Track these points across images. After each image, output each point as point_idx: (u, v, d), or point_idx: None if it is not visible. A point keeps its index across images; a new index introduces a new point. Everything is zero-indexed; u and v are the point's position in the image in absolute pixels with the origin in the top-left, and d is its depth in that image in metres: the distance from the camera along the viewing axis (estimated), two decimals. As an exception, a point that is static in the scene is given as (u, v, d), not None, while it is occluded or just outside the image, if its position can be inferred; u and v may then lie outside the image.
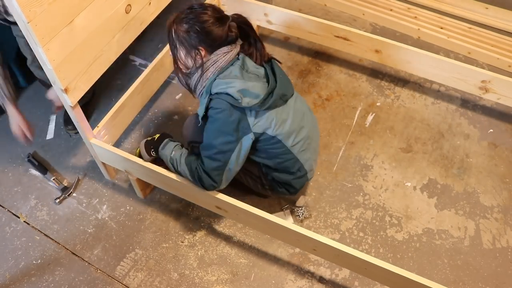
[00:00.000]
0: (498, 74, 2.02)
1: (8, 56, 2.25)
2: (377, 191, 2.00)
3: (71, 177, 2.05)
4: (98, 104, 2.30)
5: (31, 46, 1.37)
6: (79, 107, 1.64)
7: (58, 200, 1.96)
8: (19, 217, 1.94)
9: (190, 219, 1.93)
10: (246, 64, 1.57)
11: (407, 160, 2.09)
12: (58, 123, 2.23)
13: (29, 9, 1.26)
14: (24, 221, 1.93)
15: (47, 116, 2.27)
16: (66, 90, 1.52)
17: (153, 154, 1.77)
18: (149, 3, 1.79)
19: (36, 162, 2.06)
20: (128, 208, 1.96)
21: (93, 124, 1.78)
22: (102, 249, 1.85)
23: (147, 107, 2.24)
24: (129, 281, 1.77)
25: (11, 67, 2.31)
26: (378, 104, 2.29)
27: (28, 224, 1.92)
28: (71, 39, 1.45)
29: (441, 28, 2.56)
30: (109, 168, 1.97)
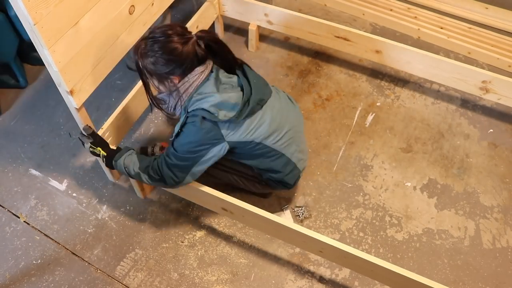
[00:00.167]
0: (498, 74, 2.02)
1: (8, 56, 2.25)
2: (377, 191, 2.00)
3: (71, 177, 2.05)
4: (99, 104, 2.29)
5: (36, 48, 1.36)
6: (84, 109, 1.64)
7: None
8: (19, 217, 1.94)
9: (190, 219, 1.93)
10: (219, 76, 1.56)
11: (407, 160, 2.09)
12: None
13: (36, 11, 1.26)
14: (24, 221, 1.93)
15: (47, 118, 2.27)
16: (71, 92, 1.52)
17: (85, 140, 1.66)
18: (152, 4, 1.79)
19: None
20: (128, 208, 1.96)
21: (94, 124, 1.77)
22: (102, 249, 1.85)
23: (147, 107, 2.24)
24: (129, 281, 1.77)
25: (11, 67, 2.31)
26: (378, 104, 2.29)
27: (28, 224, 1.92)
28: (76, 40, 1.46)
29: (441, 28, 2.56)
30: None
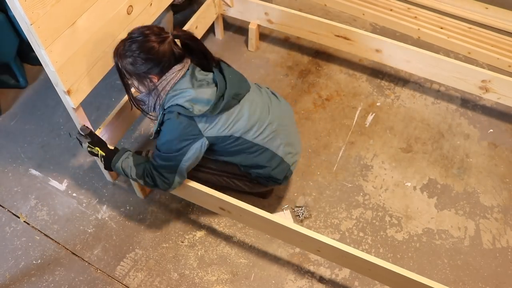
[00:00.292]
0: (498, 74, 2.02)
1: (8, 56, 2.25)
2: (377, 191, 2.00)
3: (71, 177, 2.05)
4: (99, 104, 2.29)
5: (33, 48, 1.36)
6: (81, 108, 1.64)
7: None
8: (19, 217, 1.94)
9: (190, 219, 1.93)
10: (195, 73, 1.57)
11: (407, 160, 2.09)
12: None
13: (32, 11, 1.26)
14: (24, 221, 1.93)
15: (47, 118, 2.27)
16: (68, 92, 1.52)
17: (82, 140, 1.68)
18: (150, 4, 1.79)
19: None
20: (128, 208, 1.96)
21: (93, 124, 1.78)
22: (102, 249, 1.85)
23: (147, 107, 2.25)
24: (129, 281, 1.77)
25: (11, 67, 2.31)
26: (378, 104, 2.29)
27: (28, 224, 1.92)
28: (73, 40, 1.45)
29: (441, 28, 2.56)
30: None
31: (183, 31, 1.56)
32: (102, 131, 1.80)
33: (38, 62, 2.45)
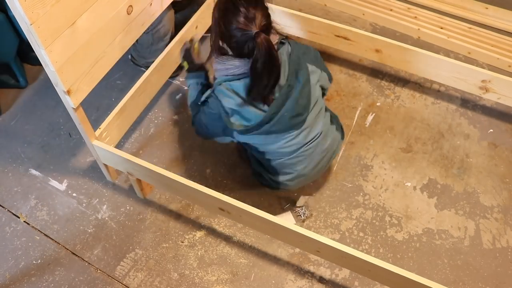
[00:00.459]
0: (498, 74, 2.02)
1: (8, 56, 2.25)
2: (377, 191, 2.00)
3: (71, 177, 2.05)
4: (99, 104, 2.29)
5: (33, 48, 1.36)
6: (81, 109, 1.64)
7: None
8: (19, 217, 1.94)
9: (190, 219, 1.93)
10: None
11: (407, 160, 2.09)
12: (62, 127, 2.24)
13: (32, 11, 1.26)
14: (24, 221, 1.93)
15: (47, 118, 2.27)
16: (68, 92, 1.52)
17: (183, 63, 1.88)
18: (150, 4, 1.79)
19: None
20: (128, 208, 1.96)
21: (93, 124, 1.78)
22: (102, 249, 1.85)
23: (147, 107, 2.24)
24: (129, 281, 1.77)
25: (11, 67, 2.31)
26: (378, 104, 2.29)
27: (28, 224, 1.92)
28: (73, 40, 1.45)
29: (441, 28, 2.56)
30: (110, 169, 1.97)
31: (269, 41, 1.45)
32: (102, 132, 1.80)
33: (38, 62, 2.44)
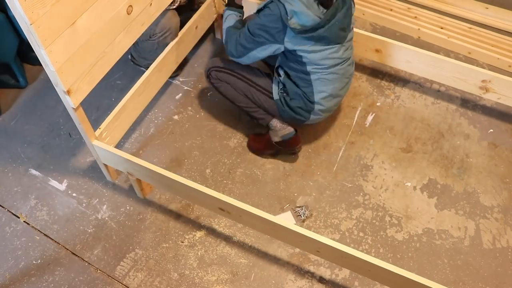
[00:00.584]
0: (498, 74, 2.02)
1: (8, 56, 2.25)
2: (377, 191, 2.00)
3: (71, 177, 2.05)
4: (99, 104, 2.30)
5: (33, 48, 1.36)
6: (81, 109, 1.64)
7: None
8: (19, 217, 1.94)
9: (190, 219, 1.93)
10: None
11: (407, 160, 2.09)
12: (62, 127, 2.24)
13: (32, 11, 1.26)
14: (24, 221, 1.93)
15: (47, 118, 2.27)
16: (68, 92, 1.52)
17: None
18: (150, 4, 1.79)
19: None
20: (128, 208, 1.96)
21: (93, 124, 1.78)
22: (102, 249, 1.85)
23: (147, 107, 2.24)
24: (129, 281, 1.77)
25: (11, 67, 2.31)
26: (378, 104, 2.29)
27: (28, 224, 1.92)
28: (73, 40, 1.45)
29: (441, 28, 2.56)
30: (110, 169, 1.97)
31: None
32: (102, 132, 1.80)
33: (38, 62, 2.44)
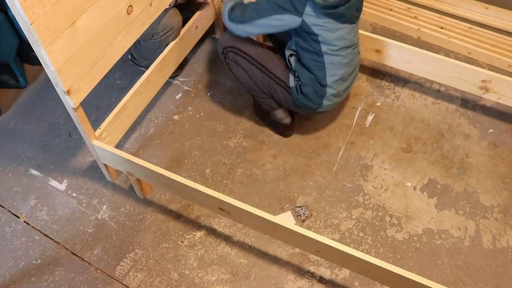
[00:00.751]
0: (498, 74, 2.02)
1: (8, 56, 2.25)
2: (377, 191, 2.00)
3: (71, 177, 2.05)
4: (99, 104, 2.30)
5: (33, 48, 1.36)
6: (81, 109, 1.64)
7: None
8: (19, 217, 1.94)
9: (190, 219, 1.93)
10: None
11: (407, 160, 2.09)
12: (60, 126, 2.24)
13: (32, 11, 1.26)
14: (24, 221, 1.93)
15: (47, 118, 2.27)
16: (68, 92, 1.52)
17: None
18: (150, 4, 1.79)
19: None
20: (128, 208, 1.96)
21: (93, 124, 1.78)
22: (102, 249, 1.85)
23: (147, 107, 2.24)
24: (129, 281, 1.77)
25: (11, 67, 2.31)
26: (378, 104, 2.29)
27: (28, 224, 1.92)
28: (73, 40, 1.45)
29: (441, 28, 2.56)
30: (110, 169, 1.97)
31: None
32: (102, 132, 1.80)
33: (38, 62, 2.45)
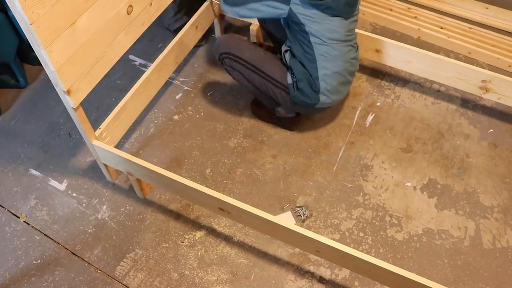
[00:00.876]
0: (498, 74, 2.02)
1: (8, 56, 2.26)
2: (377, 191, 2.00)
3: (71, 177, 2.05)
4: (99, 104, 2.30)
5: (33, 48, 1.37)
6: (81, 108, 1.64)
7: None
8: (19, 217, 1.94)
9: (190, 219, 1.93)
10: None
11: (407, 160, 2.09)
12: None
13: (32, 11, 1.26)
14: (24, 221, 1.93)
15: (47, 118, 2.27)
16: (68, 92, 1.52)
17: None
18: (150, 4, 1.79)
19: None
20: (128, 208, 1.96)
21: (93, 124, 1.78)
22: (102, 249, 1.85)
23: (147, 107, 2.24)
24: (129, 281, 1.77)
25: (11, 67, 2.31)
26: (378, 104, 2.29)
27: (28, 224, 1.92)
28: (73, 40, 1.45)
29: (441, 28, 2.56)
30: (110, 169, 1.97)
31: None
32: (102, 132, 1.80)
33: (38, 62, 2.46)
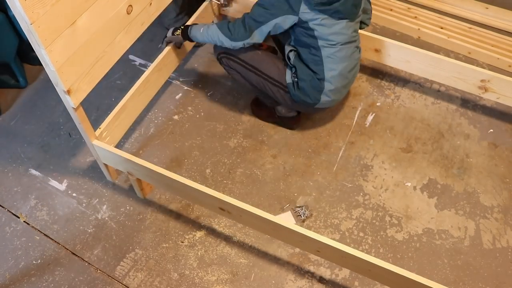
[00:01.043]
0: (498, 74, 2.02)
1: (8, 56, 2.25)
2: (377, 191, 2.00)
3: (71, 177, 2.05)
4: (99, 104, 2.29)
5: (33, 47, 1.37)
6: (81, 108, 1.64)
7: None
8: (19, 217, 1.94)
9: (190, 219, 1.93)
10: None
11: (407, 160, 2.09)
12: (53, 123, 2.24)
13: (32, 11, 1.26)
14: (24, 221, 1.93)
15: (47, 118, 2.27)
16: (68, 92, 1.52)
17: (176, 34, 2.00)
18: (150, 4, 1.79)
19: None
20: (128, 208, 1.96)
21: (93, 124, 1.78)
22: (102, 249, 1.85)
23: (147, 107, 2.24)
24: (129, 281, 1.77)
25: (11, 67, 2.31)
26: (378, 104, 2.29)
27: (28, 224, 1.92)
28: (73, 40, 1.45)
29: (441, 28, 2.56)
30: (110, 169, 1.97)
31: None
32: (102, 132, 1.80)
33: (38, 62, 2.46)
